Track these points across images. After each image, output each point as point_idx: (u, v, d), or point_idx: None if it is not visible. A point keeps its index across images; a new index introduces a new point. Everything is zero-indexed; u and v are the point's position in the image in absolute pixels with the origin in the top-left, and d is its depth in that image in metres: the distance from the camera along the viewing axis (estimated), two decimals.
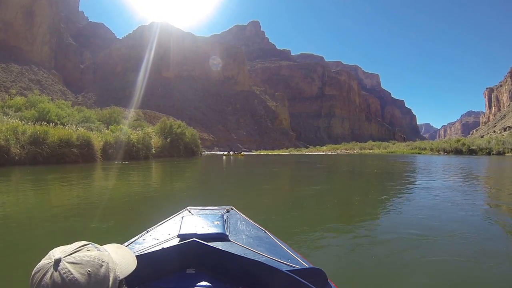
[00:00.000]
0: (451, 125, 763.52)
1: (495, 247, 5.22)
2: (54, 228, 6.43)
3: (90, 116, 45.62)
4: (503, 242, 5.72)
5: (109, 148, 35.18)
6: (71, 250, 1.09)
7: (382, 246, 5.30)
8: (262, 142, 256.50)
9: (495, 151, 66.16)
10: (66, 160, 27.95)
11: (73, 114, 42.66)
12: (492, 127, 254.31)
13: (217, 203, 3.73)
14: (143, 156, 40.85)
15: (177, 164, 34.07)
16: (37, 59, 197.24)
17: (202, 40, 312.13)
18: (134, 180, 17.22)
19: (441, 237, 5.71)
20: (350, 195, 12.33)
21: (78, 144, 29.77)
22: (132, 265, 1.27)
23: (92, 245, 1.15)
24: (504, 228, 6.77)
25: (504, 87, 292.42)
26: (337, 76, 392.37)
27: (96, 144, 32.58)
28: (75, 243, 1.13)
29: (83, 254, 1.08)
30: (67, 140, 28.71)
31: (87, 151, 30.66)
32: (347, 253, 4.93)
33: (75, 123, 37.23)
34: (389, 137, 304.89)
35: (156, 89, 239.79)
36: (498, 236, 6.19)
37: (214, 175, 23.49)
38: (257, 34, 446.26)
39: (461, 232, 6.02)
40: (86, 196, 10.92)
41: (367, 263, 4.47)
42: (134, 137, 40.06)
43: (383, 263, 4.49)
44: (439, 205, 9.07)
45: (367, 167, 31.53)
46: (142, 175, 20.60)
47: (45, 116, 34.24)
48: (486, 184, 16.23)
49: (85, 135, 31.46)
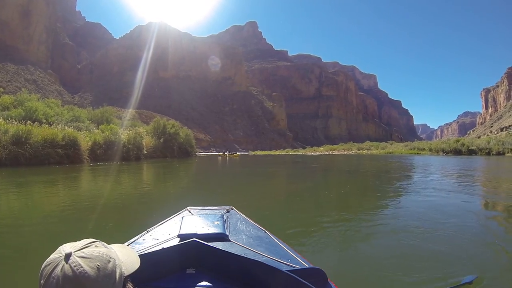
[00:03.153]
0: (448, 126, 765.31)
1: (496, 251, 5.10)
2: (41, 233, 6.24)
3: (80, 115, 44.36)
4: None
5: (98, 149, 33.97)
6: (80, 246, 1.12)
7: (382, 246, 5.36)
8: (259, 143, 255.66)
9: (494, 151, 65.52)
10: (50, 161, 26.70)
11: (62, 113, 41.50)
12: (489, 127, 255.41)
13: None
14: (134, 157, 39.68)
15: (168, 165, 33.00)
16: (33, 59, 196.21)
17: (200, 40, 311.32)
18: (120, 183, 16.13)
19: (441, 237, 5.77)
20: (349, 195, 12.23)
21: (63, 145, 28.52)
22: (136, 264, 1.30)
23: (99, 242, 1.19)
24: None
25: (500, 88, 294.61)
26: (334, 76, 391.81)
27: (83, 145, 31.34)
28: (84, 240, 1.17)
29: (92, 250, 1.12)
30: (51, 140, 27.51)
31: (73, 152, 29.41)
32: (347, 253, 5.02)
33: (63, 122, 36.01)
34: (386, 137, 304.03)
35: (153, 89, 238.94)
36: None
37: (205, 177, 22.50)
38: (255, 35, 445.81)
39: (461, 232, 6.09)
40: (60, 202, 10.12)
41: (367, 263, 4.50)
42: (124, 137, 38.87)
43: (383, 262, 4.50)
44: (442, 207, 8.93)
45: (367, 168, 30.68)
46: (129, 178, 19.55)
47: (32, 115, 33.16)
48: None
49: (72, 135, 30.18)
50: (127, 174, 21.56)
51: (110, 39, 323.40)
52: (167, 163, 35.03)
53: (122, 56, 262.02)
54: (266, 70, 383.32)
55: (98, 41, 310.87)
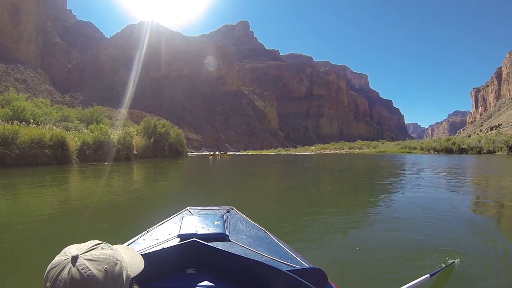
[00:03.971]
0: (439, 125, 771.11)
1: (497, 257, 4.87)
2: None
3: (69, 115, 43.66)
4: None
5: (87, 149, 33.45)
6: (87, 248, 1.11)
7: (382, 245, 5.26)
8: (250, 142, 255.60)
9: (485, 150, 66.00)
10: (38, 162, 26.19)
11: (51, 113, 40.84)
12: (478, 126, 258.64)
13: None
14: (124, 157, 39.19)
15: (158, 165, 32.57)
16: (23, 58, 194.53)
17: (191, 39, 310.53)
18: (109, 184, 15.55)
19: (441, 237, 5.74)
20: (349, 195, 12.11)
21: (51, 145, 28.01)
22: (141, 265, 1.30)
23: (105, 244, 1.18)
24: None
25: (490, 88, 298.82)
26: (325, 76, 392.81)
27: (71, 145, 30.84)
28: (89, 242, 1.16)
29: (99, 252, 1.11)
30: (39, 141, 26.98)
31: (61, 152, 28.89)
32: (347, 253, 4.92)
33: (52, 122, 35.40)
34: (378, 136, 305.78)
35: (144, 89, 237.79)
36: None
37: (195, 178, 22.16)
38: (246, 34, 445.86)
39: (461, 232, 6.11)
40: (49, 204, 9.82)
41: (367, 263, 4.46)
42: (114, 137, 38.35)
43: (383, 262, 4.45)
44: (440, 205, 8.84)
45: (361, 166, 30.62)
46: (119, 179, 19.07)
47: (19, 114, 32.54)
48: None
49: (60, 135, 29.63)
50: (117, 174, 21.09)
51: (101, 38, 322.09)
52: (157, 163, 34.58)
53: (113, 55, 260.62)
54: (258, 70, 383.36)
55: (89, 40, 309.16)
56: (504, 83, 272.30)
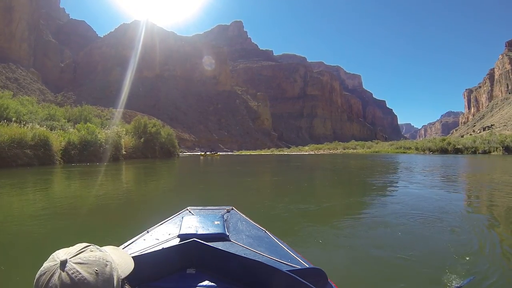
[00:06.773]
0: (431, 125, 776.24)
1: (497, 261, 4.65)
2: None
3: (55, 113, 42.33)
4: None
5: (72, 149, 32.11)
6: (75, 251, 1.10)
7: (382, 245, 5.25)
8: (243, 142, 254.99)
9: (480, 150, 66.47)
10: (18, 162, 24.85)
11: (37, 112, 39.43)
12: (471, 127, 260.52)
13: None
14: (112, 157, 37.84)
15: (148, 166, 31.35)
16: (15, 57, 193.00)
17: (185, 39, 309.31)
18: (92, 186, 14.41)
19: (440, 236, 5.71)
20: (347, 195, 12.07)
21: (32, 145, 26.69)
22: (131, 265, 1.29)
23: (93, 246, 1.16)
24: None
25: (483, 89, 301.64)
26: (319, 76, 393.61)
27: (55, 145, 29.50)
28: (77, 245, 1.14)
29: (88, 255, 1.09)
30: (19, 140, 25.69)
31: (43, 153, 27.56)
32: (347, 253, 4.93)
33: (37, 121, 34.08)
34: (371, 137, 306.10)
35: (137, 88, 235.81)
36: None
37: (181, 178, 21.07)
38: (240, 34, 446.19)
39: (461, 232, 5.99)
40: (30, 207, 9.07)
41: (367, 263, 4.49)
42: (102, 136, 37.08)
43: (383, 262, 4.47)
44: (439, 205, 8.68)
45: (356, 167, 30.00)
46: (102, 181, 17.86)
47: (2, 113, 31.26)
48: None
49: (42, 134, 28.29)
50: (102, 176, 19.92)
51: (94, 37, 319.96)
52: (146, 164, 33.40)
53: (106, 54, 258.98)
54: (251, 70, 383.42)
55: (82, 39, 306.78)
56: (496, 84, 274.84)
